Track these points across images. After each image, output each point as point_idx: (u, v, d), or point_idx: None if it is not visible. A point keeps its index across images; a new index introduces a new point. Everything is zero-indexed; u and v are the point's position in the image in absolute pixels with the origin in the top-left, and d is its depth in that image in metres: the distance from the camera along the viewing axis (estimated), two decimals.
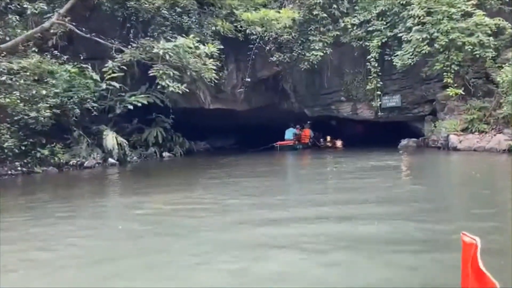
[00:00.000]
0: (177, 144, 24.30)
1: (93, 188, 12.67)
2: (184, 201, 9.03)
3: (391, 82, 21.09)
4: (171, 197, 9.64)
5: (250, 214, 7.38)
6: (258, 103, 24.94)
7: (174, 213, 7.81)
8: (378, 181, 10.84)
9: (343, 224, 6.48)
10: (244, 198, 9.14)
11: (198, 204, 8.55)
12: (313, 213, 7.21)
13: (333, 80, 21.65)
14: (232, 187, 10.90)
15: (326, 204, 8.12)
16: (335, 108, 22.27)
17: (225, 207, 8.12)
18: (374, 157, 16.67)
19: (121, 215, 8.24)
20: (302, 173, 14.04)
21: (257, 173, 13.82)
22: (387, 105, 21.18)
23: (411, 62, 17.54)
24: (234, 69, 22.85)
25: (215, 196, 9.44)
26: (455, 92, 16.91)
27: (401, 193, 9.15)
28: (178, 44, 13.68)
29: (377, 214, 6.83)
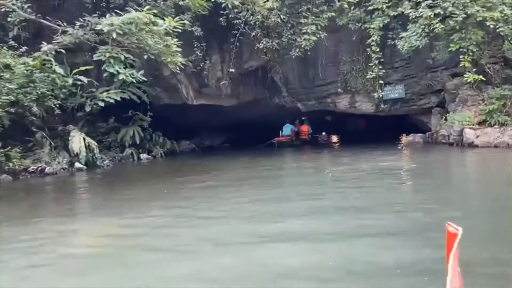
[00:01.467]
0: (157, 144, 21.62)
1: (24, 205, 9.92)
2: (122, 232, 6.36)
3: (393, 71, 18.43)
4: (113, 223, 6.99)
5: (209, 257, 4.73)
6: (246, 98, 22.27)
7: (95, 255, 5.15)
8: (386, 197, 7.92)
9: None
10: (210, 223, 6.49)
11: (139, 237, 5.89)
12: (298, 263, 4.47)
13: (329, 69, 18.96)
14: (204, 204, 8.28)
15: (323, 241, 5.40)
16: (331, 102, 19.59)
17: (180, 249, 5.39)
18: (377, 157, 14.10)
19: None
20: (291, 182, 11.08)
21: (239, 181, 11.17)
22: (389, 97, 18.53)
23: (419, 45, 14.84)
24: (218, 60, 20.17)
25: (173, 222, 6.77)
26: (473, 78, 14.20)
27: (427, 224, 5.83)
28: (129, 19, 10.68)
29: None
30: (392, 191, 8.42)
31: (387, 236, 5.20)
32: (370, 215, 6.30)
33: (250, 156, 18.74)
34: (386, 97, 18.53)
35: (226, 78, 20.03)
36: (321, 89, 19.36)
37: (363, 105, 19.29)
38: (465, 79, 14.68)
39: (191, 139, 27.78)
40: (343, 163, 13.14)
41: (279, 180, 11.09)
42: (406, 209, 6.69)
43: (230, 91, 20.88)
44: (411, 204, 7.23)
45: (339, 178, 10.54)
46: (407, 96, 18.53)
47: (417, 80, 18.41)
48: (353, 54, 18.51)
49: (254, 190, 9.23)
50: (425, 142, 17.91)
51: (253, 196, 8.40)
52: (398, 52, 18.11)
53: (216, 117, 26.98)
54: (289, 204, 7.65)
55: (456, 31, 14.12)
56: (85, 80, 17.92)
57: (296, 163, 15.19)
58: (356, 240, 5.07)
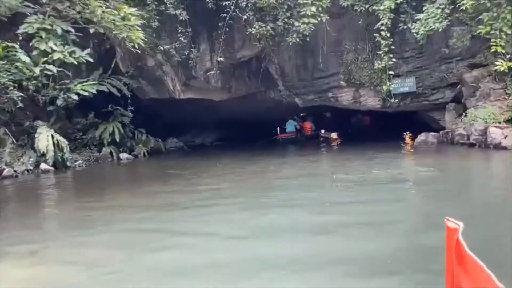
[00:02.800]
0: (140, 142, 19.25)
1: None
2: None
3: (403, 62, 16.08)
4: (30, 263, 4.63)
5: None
6: (239, 92, 19.92)
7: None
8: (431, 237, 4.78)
9: None
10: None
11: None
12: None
13: (330, 60, 16.60)
14: (171, 224, 5.95)
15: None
16: (333, 96, 17.22)
17: None
18: (389, 160, 11.76)
19: None
20: (283, 197, 7.90)
21: (221, 191, 8.81)
22: (399, 91, 16.18)
23: (438, 27, 12.43)
24: (206, 50, 17.81)
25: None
26: (508, 65, 11.77)
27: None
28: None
29: None
30: (432, 222, 5.75)
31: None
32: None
33: (241, 156, 16.39)
34: (395, 91, 16.19)
35: (216, 69, 17.65)
36: (322, 81, 16.99)
37: (368, 100, 16.93)
38: (497, 68, 12.22)
39: (181, 136, 25.49)
40: (350, 169, 10.79)
41: (270, 196, 8.41)
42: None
43: (220, 84, 18.54)
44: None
45: (351, 193, 8.01)
46: (418, 90, 16.17)
47: (429, 72, 16.07)
48: (358, 42, 16.15)
49: (230, 215, 6.64)
50: (439, 142, 15.54)
51: (226, 229, 5.83)
52: (408, 41, 15.83)
53: (208, 113, 24.66)
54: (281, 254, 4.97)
55: (488, 9, 11.67)
56: (54, 69, 15.50)
57: (292, 168, 12.77)
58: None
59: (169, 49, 16.00)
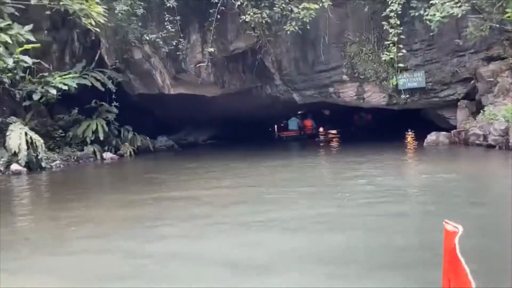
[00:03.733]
0: (126, 141, 17.69)
1: None
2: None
3: (411, 54, 14.57)
4: None
5: None
6: (233, 87, 18.35)
7: None
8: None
9: None
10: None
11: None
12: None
13: (332, 51, 15.07)
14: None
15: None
16: (335, 91, 15.67)
17: None
18: (399, 165, 10.21)
19: None
20: (273, 217, 5.84)
21: (196, 205, 7.24)
22: (406, 86, 14.67)
23: (458, 13, 10.88)
24: (198, 40, 16.26)
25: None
26: None
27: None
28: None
29: None
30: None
31: None
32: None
33: (235, 157, 14.87)
34: (403, 86, 14.68)
35: (207, 61, 16.11)
36: (322, 76, 15.44)
37: (373, 96, 15.40)
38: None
39: (173, 134, 23.95)
40: (355, 174, 9.25)
41: (256, 215, 6.40)
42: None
43: (213, 78, 17.00)
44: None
45: (361, 208, 6.40)
46: (428, 85, 14.65)
47: (440, 66, 14.56)
48: (362, 32, 14.63)
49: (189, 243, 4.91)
50: (452, 142, 14.03)
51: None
52: (417, 32, 14.34)
53: (201, 110, 23.11)
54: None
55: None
56: (29, 61, 13.92)
57: (290, 173, 11.16)
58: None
59: (155, 38, 14.43)
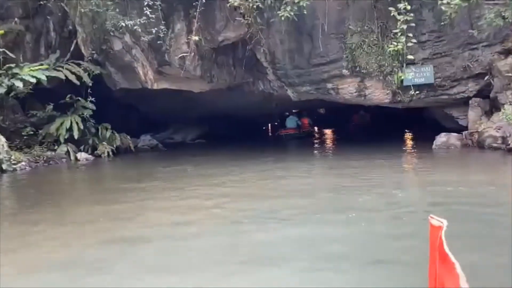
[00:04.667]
0: (104, 140, 16.02)
1: None
2: None
3: (419, 47, 12.97)
4: None
5: None
6: (223, 82, 16.71)
7: None
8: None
9: None
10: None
11: None
12: None
13: (331, 43, 13.47)
14: None
15: None
16: (333, 88, 14.08)
17: None
18: (404, 175, 8.62)
19: None
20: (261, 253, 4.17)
21: (159, 234, 5.64)
22: (413, 82, 13.10)
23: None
24: (183, 30, 14.60)
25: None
26: None
27: None
28: None
29: None
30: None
31: None
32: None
33: (223, 158, 13.30)
34: (408, 82, 13.11)
35: (194, 53, 14.48)
36: (320, 70, 13.83)
37: (375, 93, 13.82)
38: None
39: (160, 133, 22.33)
40: (361, 184, 7.65)
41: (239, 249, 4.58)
42: None
43: (200, 72, 15.34)
44: None
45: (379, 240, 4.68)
46: (436, 81, 13.10)
47: (450, 60, 13.01)
48: (364, 21, 13.02)
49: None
50: (464, 145, 12.49)
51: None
52: (425, 22, 12.78)
53: (189, 107, 21.49)
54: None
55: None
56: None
57: (283, 180, 9.57)
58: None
59: (132, 25, 12.79)
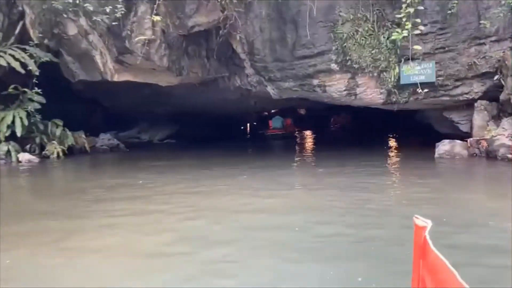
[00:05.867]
0: (54, 138, 13.69)
1: None
2: None
3: (420, 39, 11.09)
4: None
5: None
6: (194, 76, 14.58)
7: None
8: None
9: None
10: None
11: None
12: None
13: (319, 32, 11.48)
14: None
15: None
16: (320, 84, 12.10)
17: None
18: (413, 195, 6.68)
19: None
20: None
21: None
22: (411, 80, 11.25)
23: None
24: (147, 13, 12.45)
25: None
26: None
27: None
28: None
29: None
30: None
31: None
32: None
33: (191, 162, 11.18)
34: (406, 80, 11.26)
35: (159, 40, 12.33)
36: (305, 63, 11.82)
37: (367, 92, 11.91)
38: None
39: (126, 131, 20.05)
40: (355, 207, 5.63)
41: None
42: None
43: (167, 62, 13.18)
44: None
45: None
46: (438, 80, 11.26)
47: (454, 56, 11.19)
48: (357, 8, 11.07)
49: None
50: (471, 154, 10.66)
51: None
52: (427, 11, 10.92)
53: (158, 103, 19.29)
54: None
55: None
56: None
57: (251, 197, 7.45)
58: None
59: (80, 0, 10.56)
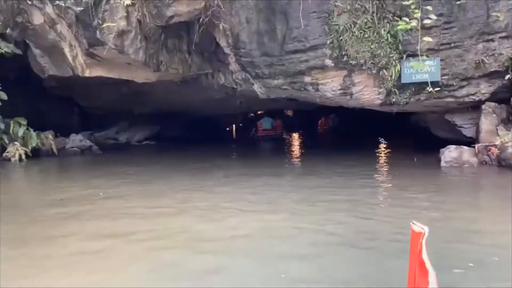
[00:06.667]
0: (17, 139, 12.22)
1: None
2: None
3: (424, 33, 9.88)
4: None
5: None
6: (174, 72, 13.24)
7: None
8: None
9: None
10: None
11: None
12: None
13: (311, 24, 10.24)
14: None
15: None
16: (312, 82, 10.85)
17: None
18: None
19: None
20: None
21: None
22: (413, 79, 10.10)
23: None
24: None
25: None
26: None
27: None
28: None
29: None
30: None
31: None
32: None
33: (169, 168, 9.86)
34: (408, 79, 10.11)
35: (134, 30, 10.98)
36: (296, 58, 10.53)
37: (365, 92, 10.71)
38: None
39: (102, 131, 18.61)
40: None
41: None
42: None
43: (143, 56, 11.82)
44: None
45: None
46: (444, 80, 10.10)
47: (460, 53, 10.06)
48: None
49: None
50: (481, 162, 9.52)
51: None
52: (431, 3, 9.73)
53: (138, 102, 17.90)
54: None
55: None
56: None
57: (224, 212, 6.14)
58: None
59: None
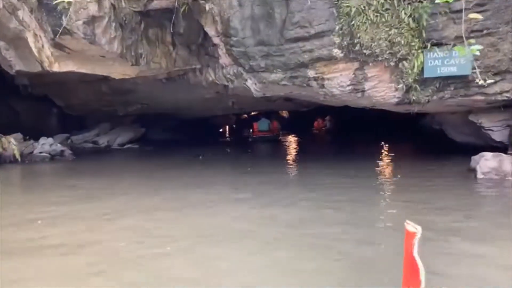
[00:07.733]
0: None
1: None
2: None
3: (448, 20, 8.23)
4: None
5: None
6: (157, 67, 11.46)
7: None
8: None
9: None
10: None
11: None
12: None
13: (317, 7, 8.49)
14: None
15: None
16: (317, 76, 9.08)
17: None
18: None
19: None
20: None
21: None
22: (438, 73, 8.42)
23: None
24: None
25: None
26: None
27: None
28: None
29: None
30: None
31: None
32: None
33: (152, 177, 8.12)
34: (431, 72, 8.41)
35: (107, 16, 9.22)
36: (298, 47, 8.75)
37: (379, 88, 8.99)
38: None
39: (81, 134, 16.84)
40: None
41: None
42: None
43: (118, 46, 10.06)
44: None
45: None
46: (472, 73, 8.38)
47: (495, 42, 8.35)
48: None
49: None
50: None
51: None
52: None
53: (119, 102, 16.13)
54: None
55: None
56: None
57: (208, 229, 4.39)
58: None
59: None
